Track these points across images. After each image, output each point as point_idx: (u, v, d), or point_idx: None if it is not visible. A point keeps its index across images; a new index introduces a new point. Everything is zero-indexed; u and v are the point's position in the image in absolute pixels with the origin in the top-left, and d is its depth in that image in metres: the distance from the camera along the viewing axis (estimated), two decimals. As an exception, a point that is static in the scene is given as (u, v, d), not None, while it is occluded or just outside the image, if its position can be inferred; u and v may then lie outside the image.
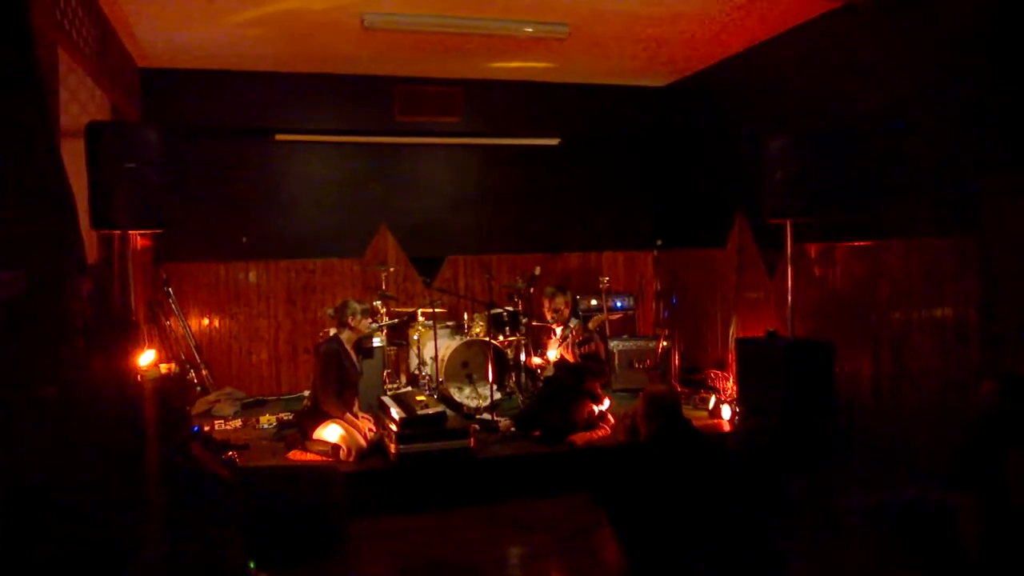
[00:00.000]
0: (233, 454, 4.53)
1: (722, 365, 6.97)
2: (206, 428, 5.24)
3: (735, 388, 6.09)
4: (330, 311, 5.68)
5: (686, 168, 7.85)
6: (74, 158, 4.23)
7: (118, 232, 4.87)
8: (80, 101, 5.22)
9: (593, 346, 5.63)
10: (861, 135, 5.36)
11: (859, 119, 5.39)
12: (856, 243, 5.45)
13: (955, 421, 4.66)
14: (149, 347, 5.43)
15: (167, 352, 6.52)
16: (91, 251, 4.72)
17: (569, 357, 5.70)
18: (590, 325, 5.76)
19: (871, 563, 3.69)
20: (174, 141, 4.84)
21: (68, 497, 2.74)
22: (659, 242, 7.68)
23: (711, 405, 6.18)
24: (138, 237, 5.75)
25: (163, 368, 5.19)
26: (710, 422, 5.92)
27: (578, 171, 8.08)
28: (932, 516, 3.97)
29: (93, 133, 4.39)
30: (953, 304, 4.72)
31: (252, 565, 3.43)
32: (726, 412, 5.95)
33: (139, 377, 3.97)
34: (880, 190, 5.22)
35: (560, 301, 5.79)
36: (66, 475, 2.85)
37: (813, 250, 5.81)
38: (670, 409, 3.43)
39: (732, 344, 6.68)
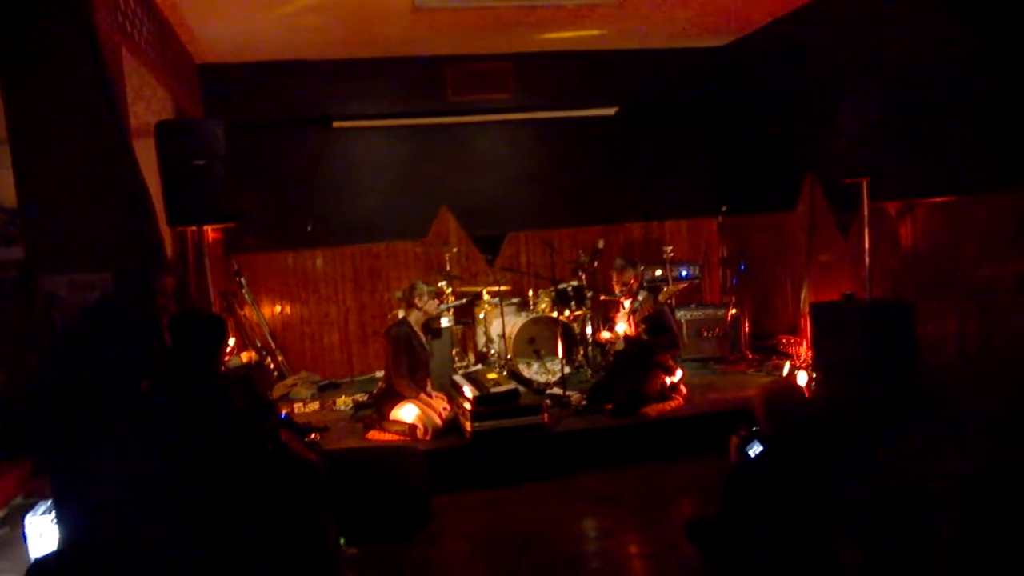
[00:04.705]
0: (315, 436, 4.65)
1: (794, 331, 6.81)
2: (285, 411, 5.39)
3: (810, 353, 5.95)
4: (399, 294, 5.74)
5: (750, 131, 7.60)
6: (144, 157, 4.34)
7: (192, 227, 5.01)
8: (145, 100, 5.34)
9: (664, 318, 5.56)
10: (941, 86, 5.09)
11: (938, 68, 5.10)
12: (937, 199, 5.21)
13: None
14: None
15: (244, 340, 6.71)
16: (167, 247, 4.86)
17: (639, 330, 5.64)
18: (660, 297, 5.67)
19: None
20: (235, 134, 4.92)
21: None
22: (724, 208, 7.50)
23: (785, 371, 6.05)
24: (210, 231, 5.90)
25: (243, 357, 5.34)
26: (786, 389, 5.79)
27: (637, 140, 7.92)
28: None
29: (163, 132, 4.49)
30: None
31: (342, 541, 3.53)
32: (802, 378, 5.81)
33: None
34: (963, 142, 4.95)
35: (629, 274, 5.74)
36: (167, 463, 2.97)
37: (892, 208, 5.58)
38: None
39: (805, 308, 6.52)
